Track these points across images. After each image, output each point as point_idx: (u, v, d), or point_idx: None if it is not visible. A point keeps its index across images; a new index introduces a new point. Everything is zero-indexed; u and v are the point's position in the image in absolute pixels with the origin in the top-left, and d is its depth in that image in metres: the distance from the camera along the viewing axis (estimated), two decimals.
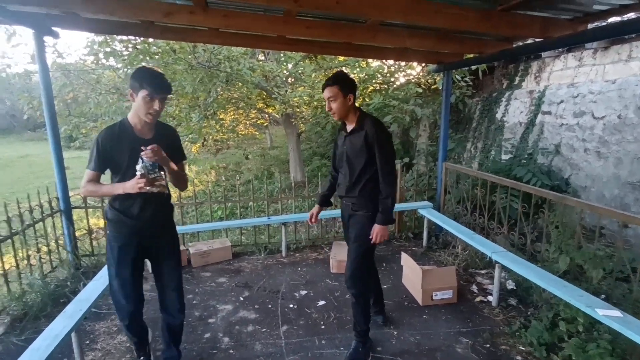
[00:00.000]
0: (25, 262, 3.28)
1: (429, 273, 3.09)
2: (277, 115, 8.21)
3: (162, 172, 1.93)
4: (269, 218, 4.05)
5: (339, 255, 3.73)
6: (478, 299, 3.17)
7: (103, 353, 2.57)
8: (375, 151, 2.24)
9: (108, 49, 5.19)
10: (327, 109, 2.34)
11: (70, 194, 3.77)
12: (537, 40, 3.14)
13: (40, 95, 5.97)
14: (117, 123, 1.99)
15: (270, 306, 3.12)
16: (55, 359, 2.47)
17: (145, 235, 2.07)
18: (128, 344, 2.65)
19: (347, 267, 2.41)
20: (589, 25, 2.91)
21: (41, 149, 17.36)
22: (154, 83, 1.86)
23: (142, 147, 1.79)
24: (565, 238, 2.97)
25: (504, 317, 2.90)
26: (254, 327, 2.83)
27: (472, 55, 4.20)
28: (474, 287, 3.36)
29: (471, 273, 3.62)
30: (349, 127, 2.35)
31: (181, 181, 2.15)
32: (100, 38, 5.37)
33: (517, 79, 5.48)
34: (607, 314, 2.09)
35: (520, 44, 3.68)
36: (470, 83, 5.92)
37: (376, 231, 2.29)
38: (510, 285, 3.33)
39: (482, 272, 3.62)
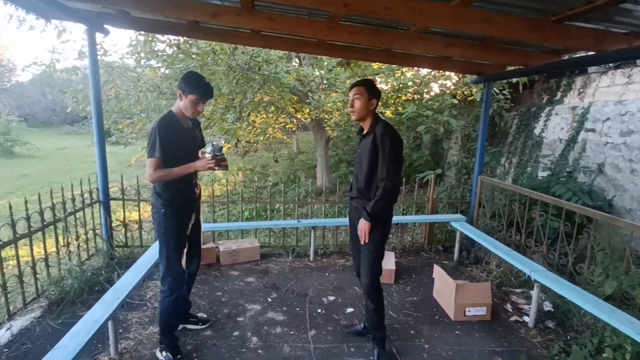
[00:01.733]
0: (65, 248, 3.40)
1: (462, 287, 3.00)
2: (305, 120, 8.27)
3: (224, 155, 2.25)
4: (298, 221, 4.05)
5: None
6: (513, 318, 3.05)
7: (135, 342, 2.62)
8: (379, 156, 2.21)
9: (150, 49, 5.37)
10: (349, 106, 2.38)
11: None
12: (589, 53, 3.02)
13: (83, 90, 6.28)
14: (167, 115, 2.25)
15: (298, 309, 3.10)
16: (90, 345, 2.55)
17: (194, 210, 2.45)
18: (159, 336, 2.69)
19: (365, 273, 2.37)
20: None
21: (77, 142, 18.17)
22: (203, 90, 2.21)
23: (212, 136, 2.06)
24: (613, 261, 2.81)
25: (541, 340, 2.77)
26: (282, 329, 2.82)
27: (514, 67, 4.10)
28: (509, 306, 3.23)
29: (505, 291, 3.48)
30: (364, 131, 2.40)
31: None
32: (143, 37, 5.58)
33: (559, 93, 5.30)
34: None
35: (567, 57, 3.56)
36: (509, 96, 5.77)
37: (360, 228, 2.28)
38: (548, 306, 3.19)
39: (517, 290, 3.48)
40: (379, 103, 2.41)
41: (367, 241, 2.29)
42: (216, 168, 2.18)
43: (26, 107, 23.48)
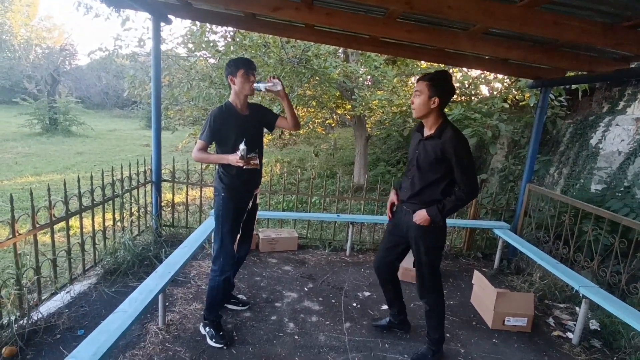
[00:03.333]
0: (120, 223, 3.65)
1: (503, 296, 2.92)
2: (346, 117, 8.27)
3: (256, 154, 2.34)
4: (338, 215, 4.10)
5: (404, 262, 3.65)
6: (555, 333, 2.94)
7: (180, 316, 2.78)
8: (455, 166, 2.10)
9: (206, 39, 5.58)
10: (411, 101, 2.27)
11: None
12: None
13: (140, 76, 6.64)
14: (224, 105, 2.43)
15: (333, 301, 3.16)
16: (145, 311, 2.74)
17: (252, 198, 2.58)
18: (202, 312, 2.84)
19: (421, 278, 2.36)
20: None
21: (127, 125, 19.20)
22: (246, 62, 2.40)
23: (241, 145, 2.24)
24: None
25: (586, 358, 2.66)
26: (318, 319, 2.89)
27: (575, 73, 3.91)
28: (551, 320, 3.12)
29: (548, 305, 3.36)
30: (426, 132, 2.22)
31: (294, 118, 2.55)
32: (196, 28, 5.81)
33: (622, 103, 4.97)
34: None
35: (637, 65, 3.35)
36: (565, 103, 5.48)
37: (420, 215, 2.20)
38: (594, 325, 3.04)
39: (561, 305, 3.35)
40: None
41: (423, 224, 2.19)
42: (244, 166, 2.28)
43: (83, 90, 25.06)
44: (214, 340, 2.48)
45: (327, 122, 9.81)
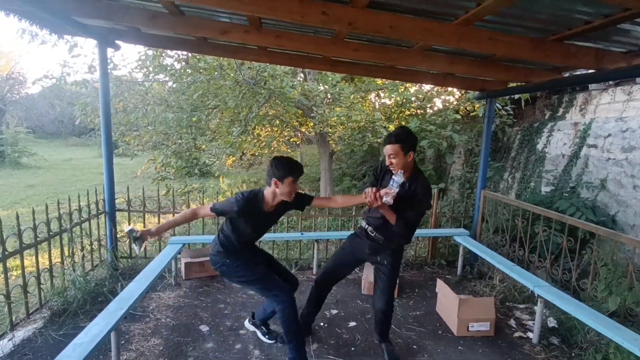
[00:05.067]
0: (70, 259, 3.43)
1: (465, 302, 2.98)
2: (310, 134, 8.34)
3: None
4: (302, 234, 4.07)
5: (371, 276, 3.66)
6: (517, 334, 3.02)
7: (137, 354, 2.62)
8: (412, 204, 2.38)
9: (159, 64, 5.50)
10: (387, 163, 2.40)
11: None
12: (589, 71, 3.08)
13: (92, 103, 6.40)
14: (256, 197, 2.36)
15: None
16: (92, 356, 2.55)
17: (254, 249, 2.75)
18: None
19: (383, 293, 2.56)
20: None
21: (84, 154, 18.36)
22: (297, 169, 2.30)
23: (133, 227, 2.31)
24: (616, 277, 2.80)
25: (545, 356, 2.74)
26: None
27: (516, 84, 4.16)
28: (512, 322, 3.21)
29: (509, 307, 3.46)
30: (402, 179, 2.39)
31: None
32: (151, 52, 5.72)
33: (561, 110, 5.34)
34: None
35: (568, 74, 3.62)
36: (511, 112, 5.82)
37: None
38: (552, 322, 3.16)
39: (521, 306, 3.46)
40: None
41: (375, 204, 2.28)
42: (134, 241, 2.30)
43: (35, 119, 23.83)
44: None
45: (291, 140, 9.85)
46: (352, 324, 3.10)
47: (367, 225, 2.58)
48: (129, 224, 4.14)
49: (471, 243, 3.94)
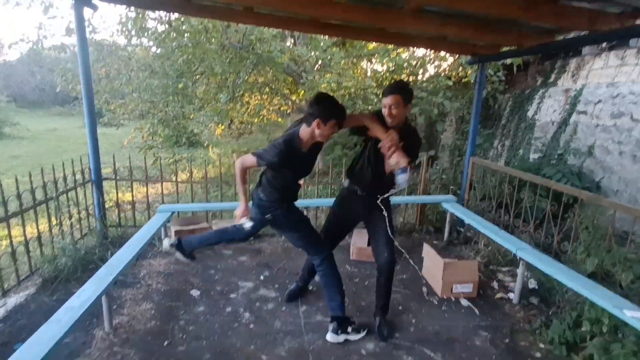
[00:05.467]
0: (58, 228, 3.41)
1: (450, 265, 3.07)
2: (301, 103, 8.20)
3: None
4: None
5: (359, 242, 3.74)
6: (498, 295, 3.14)
7: (129, 318, 2.67)
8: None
9: (141, 27, 5.26)
10: (386, 114, 2.34)
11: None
12: (582, 34, 3.02)
13: (73, 69, 6.16)
14: (294, 139, 2.24)
15: (290, 287, 3.16)
16: (85, 319, 2.60)
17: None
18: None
19: (388, 244, 2.52)
20: (637, 20, 2.78)
21: (68, 124, 17.90)
22: (343, 116, 2.19)
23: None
24: (596, 239, 2.89)
25: (524, 315, 2.87)
26: (274, 306, 2.88)
27: (508, 48, 4.08)
28: (495, 284, 3.32)
29: (492, 270, 3.57)
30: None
31: None
32: (134, 14, 5.45)
33: (553, 76, 5.30)
34: (635, 316, 2.04)
35: (562, 38, 3.55)
36: (503, 78, 5.76)
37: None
38: (533, 284, 3.27)
39: (504, 269, 3.57)
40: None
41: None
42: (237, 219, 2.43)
43: (15, 87, 23.00)
44: (362, 330, 2.54)
45: (282, 108, 9.70)
46: None
47: (354, 187, 2.56)
48: (117, 193, 4.11)
49: (458, 209, 4.00)
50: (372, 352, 2.41)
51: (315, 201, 4.33)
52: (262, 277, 3.31)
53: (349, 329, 2.50)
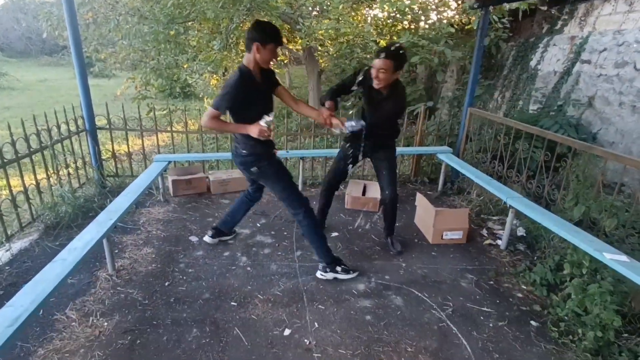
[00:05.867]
0: (55, 176, 3.44)
1: (441, 213, 3.15)
2: (298, 52, 7.91)
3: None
4: (287, 152, 4.09)
5: (354, 191, 3.80)
6: (487, 242, 3.26)
7: (131, 261, 2.79)
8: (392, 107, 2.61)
9: None
10: (373, 76, 2.49)
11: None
12: None
13: (59, 14, 5.86)
14: (243, 72, 2.21)
15: (285, 233, 3.27)
16: (88, 262, 2.71)
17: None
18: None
19: (389, 184, 2.84)
20: None
21: (59, 74, 17.34)
22: (279, 35, 2.22)
23: (266, 116, 2.23)
24: (584, 187, 2.94)
25: (510, 260, 2.99)
26: (270, 250, 3.00)
27: None
28: (484, 231, 3.43)
29: (483, 218, 3.67)
30: (383, 90, 2.59)
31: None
32: None
33: (560, 22, 5.08)
34: (613, 258, 2.13)
35: None
36: (508, 25, 5.51)
37: None
38: (521, 232, 3.39)
39: (495, 218, 3.67)
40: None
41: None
42: (266, 135, 2.24)
43: (0, 36, 21.99)
44: (351, 272, 2.66)
45: (278, 58, 9.37)
46: (335, 234, 3.29)
47: (356, 132, 2.62)
48: (112, 143, 4.10)
49: (453, 160, 4.03)
50: (362, 292, 2.54)
51: (310, 152, 4.34)
52: (258, 225, 3.40)
53: (338, 269, 2.63)
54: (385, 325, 2.25)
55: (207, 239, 3.01)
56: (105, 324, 2.17)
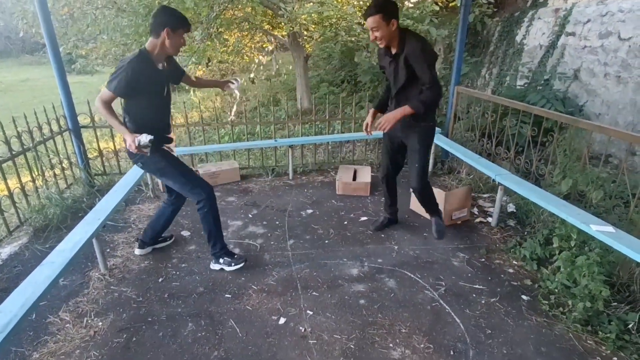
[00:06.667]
0: (40, 178, 3.39)
1: (451, 195, 3.08)
2: (283, 38, 7.77)
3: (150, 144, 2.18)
4: (276, 140, 4.06)
5: (344, 177, 3.80)
6: (478, 220, 3.28)
7: (123, 259, 2.78)
8: (416, 67, 2.28)
9: None
10: (371, 39, 2.33)
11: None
12: None
13: (34, 10, 5.68)
14: (143, 55, 2.15)
15: (277, 223, 3.27)
16: (80, 262, 2.70)
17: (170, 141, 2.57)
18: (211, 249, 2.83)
19: (416, 175, 2.60)
20: None
21: (41, 73, 16.93)
22: (189, 25, 2.21)
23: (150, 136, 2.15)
24: (571, 161, 2.96)
25: (501, 236, 3.03)
26: (263, 240, 3.00)
27: None
28: (475, 210, 3.46)
29: (473, 197, 3.69)
30: (393, 51, 2.39)
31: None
32: None
33: None
34: (600, 229, 2.16)
35: None
36: (492, 0, 5.45)
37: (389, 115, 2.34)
38: (511, 208, 3.42)
39: (485, 195, 3.70)
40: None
41: (388, 127, 2.33)
42: (136, 151, 2.17)
43: None
44: (233, 264, 2.59)
45: (264, 45, 9.22)
46: (325, 219, 3.30)
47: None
48: (97, 141, 4.04)
49: (442, 140, 4.02)
50: (355, 277, 2.56)
51: (298, 139, 4.31)
52: (250, 215, 3.40)
53: (221, 260, 2.61)
54: (379, 308, 2.27)
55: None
56: (100, 323, 2.17)
